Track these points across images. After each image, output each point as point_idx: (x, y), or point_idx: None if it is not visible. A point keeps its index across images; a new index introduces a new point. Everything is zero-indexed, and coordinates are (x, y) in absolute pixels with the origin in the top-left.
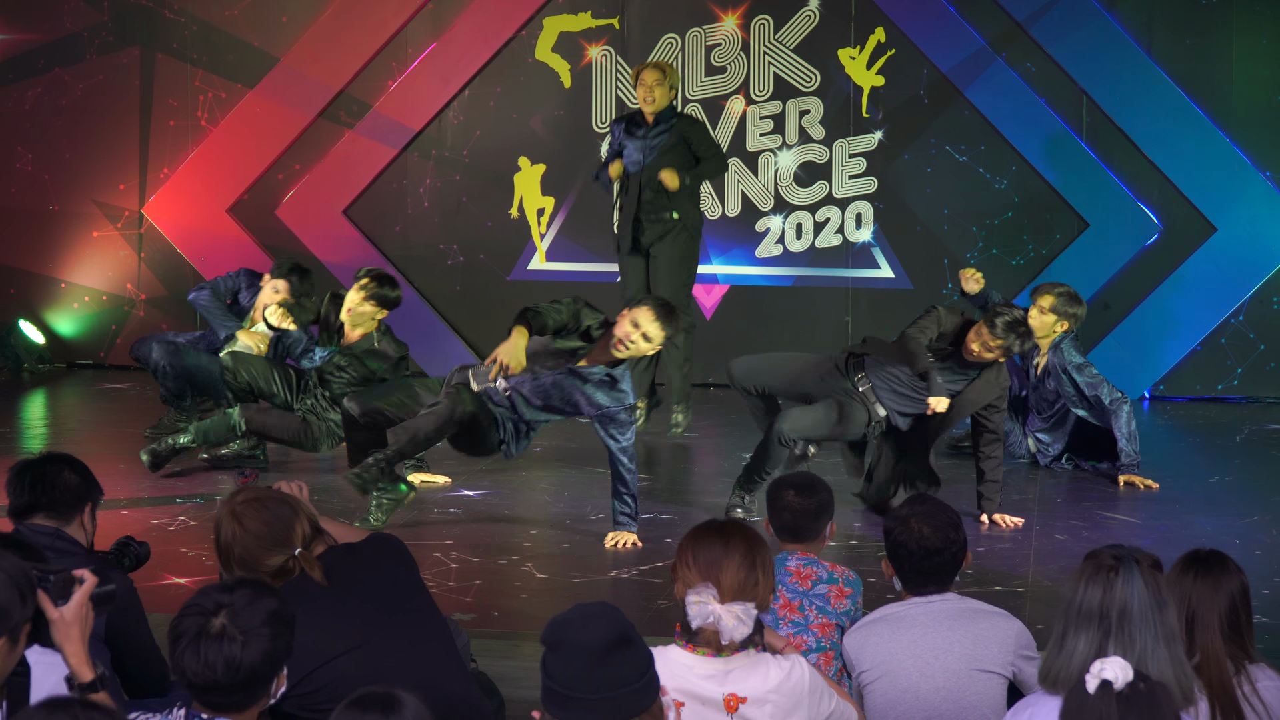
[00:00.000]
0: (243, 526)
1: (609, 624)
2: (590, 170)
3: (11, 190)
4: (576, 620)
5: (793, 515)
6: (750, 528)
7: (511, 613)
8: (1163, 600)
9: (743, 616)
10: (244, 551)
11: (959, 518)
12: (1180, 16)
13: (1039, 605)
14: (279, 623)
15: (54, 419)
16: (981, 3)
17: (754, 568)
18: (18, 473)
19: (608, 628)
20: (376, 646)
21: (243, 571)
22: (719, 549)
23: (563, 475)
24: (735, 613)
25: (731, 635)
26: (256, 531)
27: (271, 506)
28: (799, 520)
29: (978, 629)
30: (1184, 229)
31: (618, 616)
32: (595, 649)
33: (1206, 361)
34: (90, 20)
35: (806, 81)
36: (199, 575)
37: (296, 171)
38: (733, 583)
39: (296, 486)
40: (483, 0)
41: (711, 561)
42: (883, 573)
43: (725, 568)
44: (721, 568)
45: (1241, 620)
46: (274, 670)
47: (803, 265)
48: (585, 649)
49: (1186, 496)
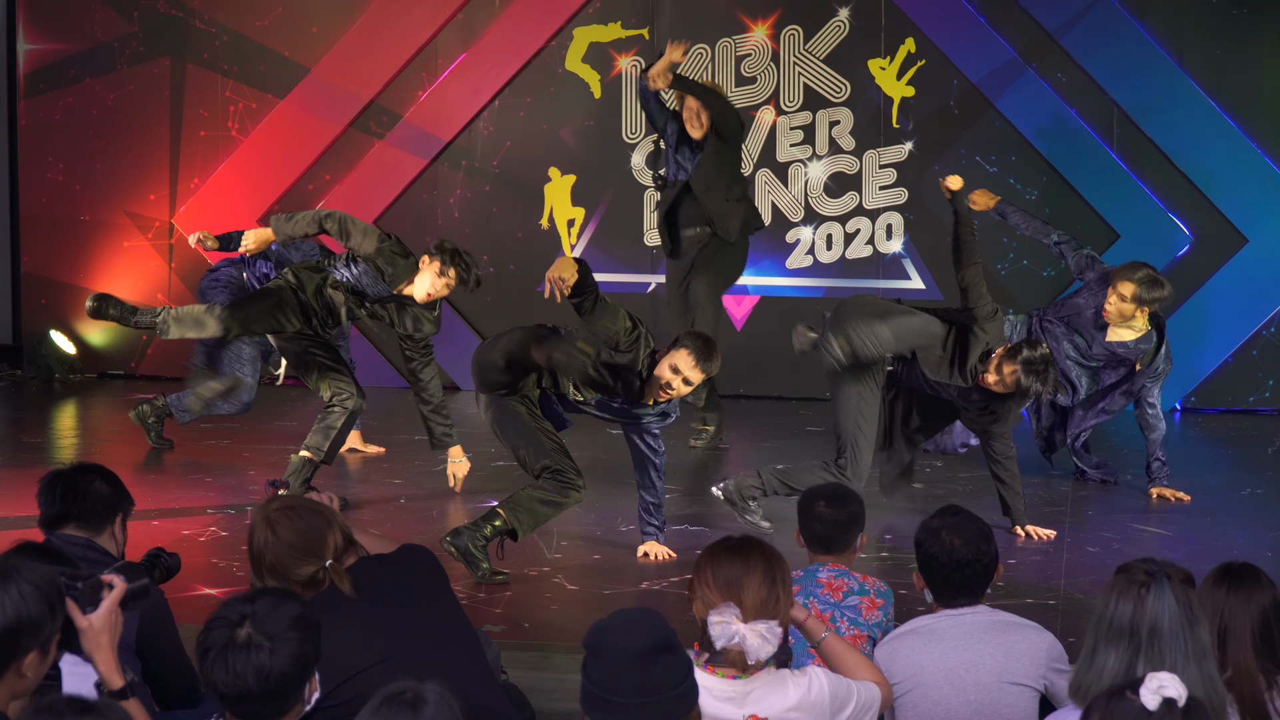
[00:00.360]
0: (276, 534)
1: (651, 629)
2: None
3: (43, 200)
4: (618, 625)
5: (823, 526)
6: (767, 544)
7: (542, 624)
8: (1194, 617)
9: (767, 635)
10: (275, 559)
11: (990, 530)
12: (1211, 26)
13: (1071, 618)
14: (305, 626)
15: (85, 429)
16: (1012, 13)
17: (775, 584)
18: (49, 483)
19: (649, 633)
20: (407, 658)
21: (273, 579)
22: (739, 567)
23: (593, 487)
24: (759, 632)
25: (757, 655)
26: (289, 540)
27: (306, 516)
28: (830, 531)
29: (1009, 641)
30: (1215, 240)
31: (659, 622)
32: (636, 654)
33: (1238, 373)
34: (121, 31)
35: (837, 92)
36: (230, 586)
37: (327, 182)
38: (755, 601)
39: (327, 498)
40: (513, 11)
41: (732, 580)
42: (914, 585)
43: (746, 586)
44: (743, 586)
45: (1274, 634)
46: (305, 674)
47: (833, 276)
48: (626, 653)
49: (1219, 509)
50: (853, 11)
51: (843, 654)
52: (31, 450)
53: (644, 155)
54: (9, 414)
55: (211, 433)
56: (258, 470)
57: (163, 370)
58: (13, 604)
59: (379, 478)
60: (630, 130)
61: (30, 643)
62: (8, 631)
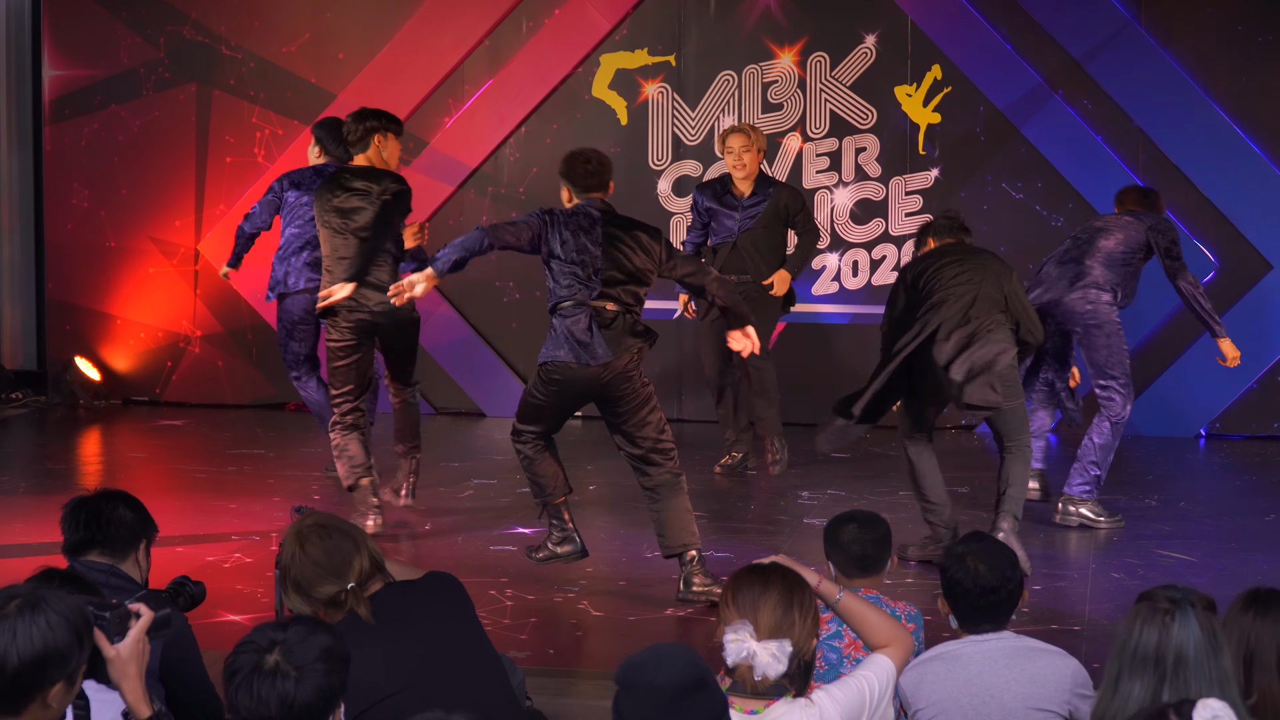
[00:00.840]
0: (304, 550)
1: (685, 666)
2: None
3: (68, 227)
4: (650, 662)
5: (861, 546)
6: (793, 572)
7: (567, 650)
8: (1218, 644)
9: (777, 653)
10: (300, 574)
11: (1015, 556)
12: (1237, 53)
13: (1096, 643)
14: (333, 659)
15: (109, 455)
16: (1038, 40)
17: (791, 608)
18: (73, 509)
19: (683, 670)
20: (430, 685)
21: (296, 594)
22: (758, 589)
23: (618, 512)
24: (770, 649)
25: (765, 671)
26: (315, 557)
27: (335, 536)
28: (867, 550)
29: (1034, 668)
30: (1240, 266)
31: (694, 658)
32: (669, 691)
33: (1262, 400)
34: (147, 56)
35: (863, 119)
36: (254, 613)
37: None
38: (769, 621)
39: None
40: (539, 37)
41: (749, 601)
42: (938, 611)
43: (762, 607)
44: (759, 606)
45: None
46: (329, 707)
47: (859, 303)
48: (659, 691)
49: (1243, 535)
50: (879, 38)
51: (861, 612)
52: (55, 476)
53: (670, 182)
54: (33, 440)
55: (235, 459)
56: (282, 496)
57: (187, 397)
58: (40, 634)
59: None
60: (657, 157)
61: (57, 674)
62: (35, 662)
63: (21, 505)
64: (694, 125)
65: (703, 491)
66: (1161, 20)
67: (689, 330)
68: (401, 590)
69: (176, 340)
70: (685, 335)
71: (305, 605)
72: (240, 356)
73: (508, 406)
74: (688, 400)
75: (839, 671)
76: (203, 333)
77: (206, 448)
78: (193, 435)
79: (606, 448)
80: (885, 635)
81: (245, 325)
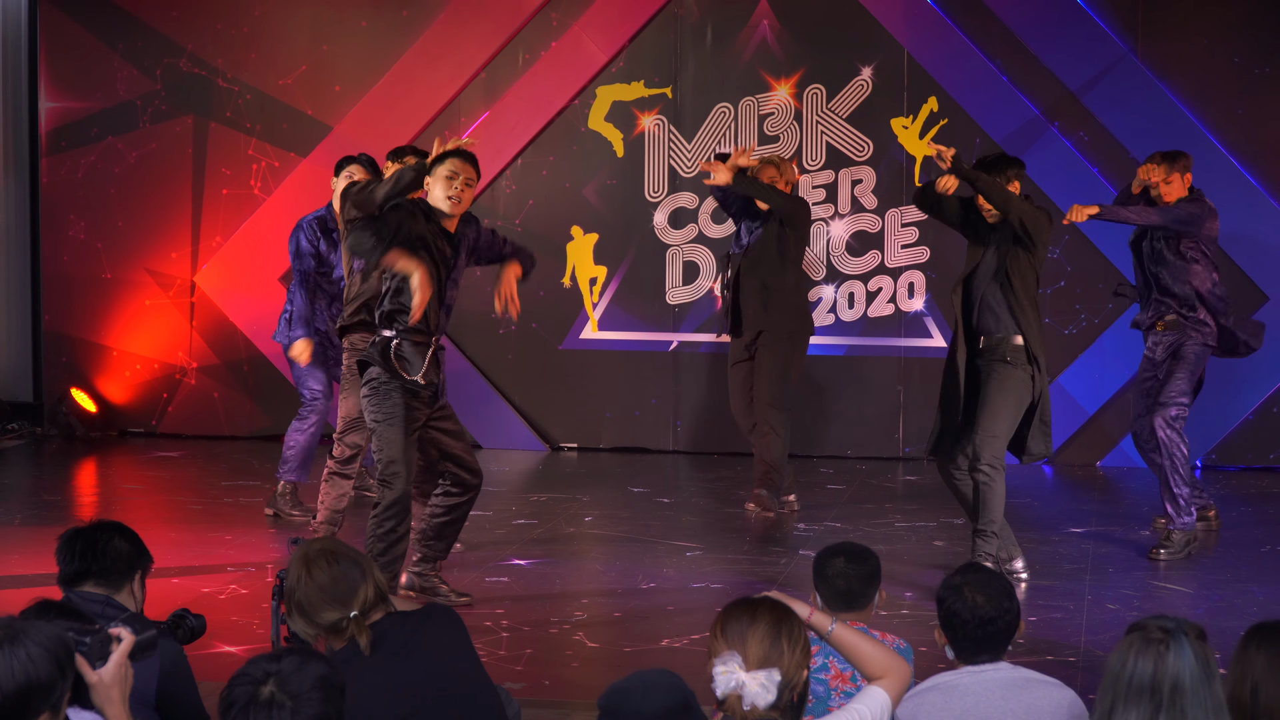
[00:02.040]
0: (310, 574)
1: (670, 692)
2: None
3: (64, 258)
4: (637, 689)
5: (846, 581)
6: (782, 604)
7: (563, 682)
8: (1212, 672)
9: (766, 683)
10: (304, 598)
11: (1013, 587)
12: (1233, 86)
13: (1091, 674)
14: (329, 687)
15: (105, 487)
16: (1034, 72)
17: (779, 639)
18: (68, 540)
19: (669, 695)
20: (427, 715)
21: (300, 617)
22: (746, 620)
23: (614, 545)
24: (759, 679)
25: (754, 701)
26: (321, 583)
27: (343, 564)
28: (852, 585)
29: (1030, 698)
30: (1237, 298)
31: (678, 683)
32: (656, 717)
33: (1259, 431)
34: (144, 89)
35: (859, 151)
36: (250, 644)
37: None
38: (758, 653)
39: None
40: (536, 69)
41: (738, 632)
42: (934, 642)
43: (750, 638)
44: (747, 638)
45: None
46: None
47: (855, 335)
48: (646, 718)
49: (1240, 566)
50: (875, 71)
51: (854, 643)
52: (51, 508)
53: (666, 214)
54: (29, 471)
55: (230, 490)
56: (278, 529)
57: (183, 429)
58: (21, 667)
59: None
60: (653, 189)
61: (41, 704)
62: (19, 695)
63: (18, 536)
64: (690, 157)
65: (697, 524)
66: (1158, 53)
67: (686, 362)
68: (401, 620)
69: (172, 372)
70: (682, 367)
71: (308, 628)
72: (236, 388)
73: (504, 438)
74: (684, 431)
75: (826, 705)
76: (199, 364)
77: (202, 479)
78: (188, 467)
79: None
80: (880, 666)
81: (241, 357)
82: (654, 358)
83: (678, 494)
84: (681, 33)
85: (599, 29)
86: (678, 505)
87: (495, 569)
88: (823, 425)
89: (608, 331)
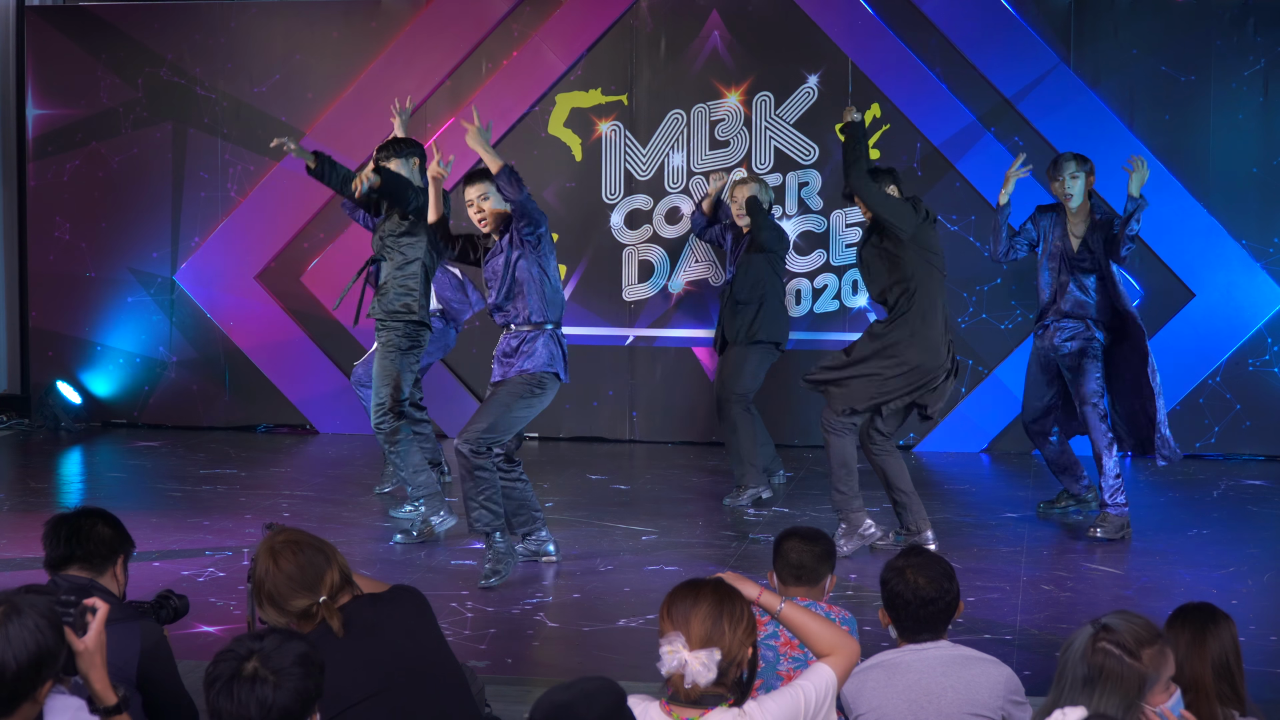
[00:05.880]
0: (277, 565)
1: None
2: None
3: (50, 258)
4: (580, 701)
5: (799, 556)
6: (726, 586)
7: (524, 659)
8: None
9: (707, 662)
10: (274, 588)
11: (952, 569)
12: (1160, 93)
13: (1026, 652)
14: (309, 664)
15: (89, 475)
16: (972, 80)
17: (720, 619)
18: (54, 526)
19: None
20: (395, 692)
21: (270, 607)
22: (690, 602)
23: (571, 528)
24: (700, 658)
25: (695, 679)
26: (289, 572)
27: (307, 552)
28: (804, 560)
29: (970, 675)
30: (1164, 294)
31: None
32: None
33: (1186, 420)
34: (126, 97)
35: (806, 155)
36: (228, 624)
37: (321, 240)
38: (700, 632)
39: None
40: (498, 78)
41: (682, 613)
42: (878, 622)
43: (693, 619)
44: (690, 619)
45: (1233, 672)
46: (306, 710)
47: (801, 329)
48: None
49: (1167, 549)
50: (821, 79)
51: (803, 622)
52: (38, 495)
53: (623, 215)
54: (17, 461)
55: (208, 478)
56: (254, 514)
57: (164, 419)
58: (31, 637)
59: (370, 521)
60: (610, 191)
61: (49, 671)
62: (31, 663)
63: (6, 522)
64: (645, 161)
65: (654, 511)
66: (1089, 62)
67: (641, 356)
68: (370, 603)
69: (154, 366)
70: (638, 360)
71: (279, 617)
72: (214, 381)
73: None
74: (640, 421)
75: (776, 669)
76: (178, 358)
77: (182, 468)
78: (169, 456)
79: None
80: (827, 644)
81: (219, 351)
82: (611, 351)
83: (634, 481)
84: (637, 43)
85: (558, 39)
86: (634, 492)
87: (460, 552)
88: (768, 417)
89: (567, 327)
